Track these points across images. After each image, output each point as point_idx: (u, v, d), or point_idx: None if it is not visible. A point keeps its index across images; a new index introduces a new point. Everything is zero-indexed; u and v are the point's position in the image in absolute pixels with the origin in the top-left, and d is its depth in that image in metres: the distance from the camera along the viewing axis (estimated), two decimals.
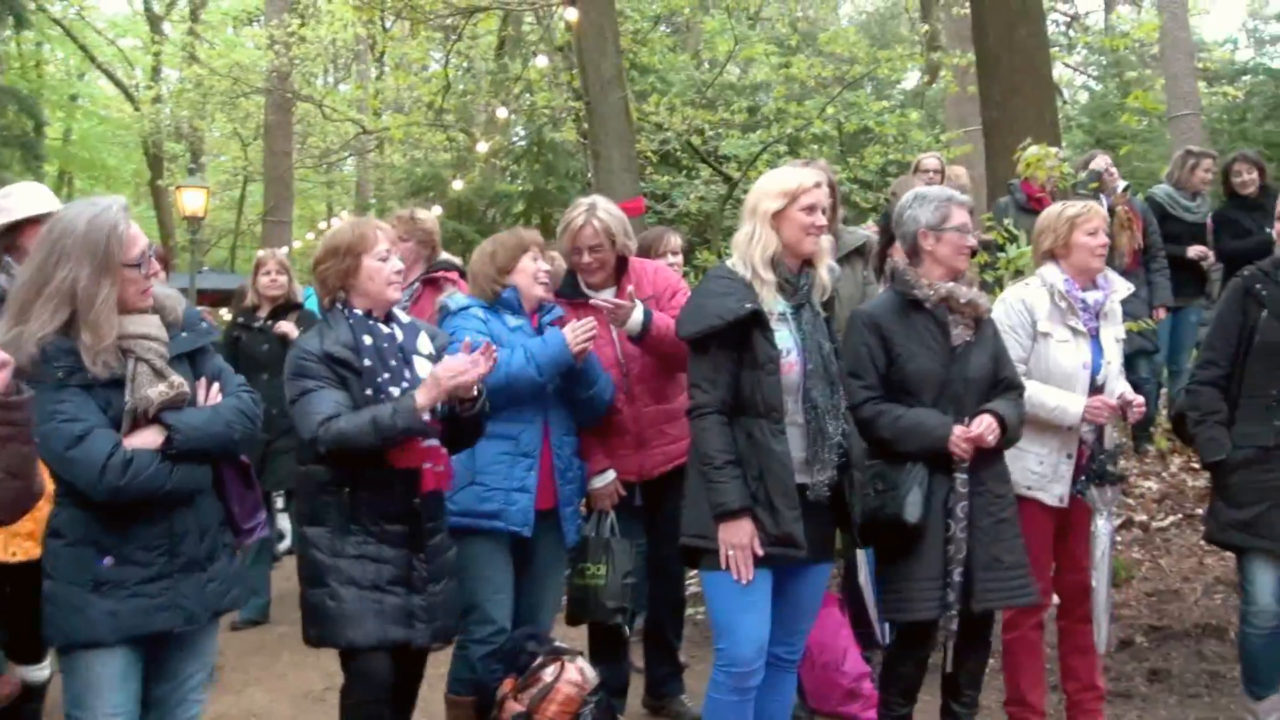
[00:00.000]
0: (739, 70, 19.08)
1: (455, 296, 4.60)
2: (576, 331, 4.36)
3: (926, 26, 18.63)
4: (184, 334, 3.34)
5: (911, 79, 21.75)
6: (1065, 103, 21.41)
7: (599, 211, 4.68)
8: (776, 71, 15.73)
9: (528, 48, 16.67)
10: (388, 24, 18.68)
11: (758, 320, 3.69)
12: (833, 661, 5.05)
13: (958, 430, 4.07)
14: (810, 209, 3.77)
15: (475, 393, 3.82)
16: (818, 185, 3.81)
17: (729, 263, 3.89)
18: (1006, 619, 4.66)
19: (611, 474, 4.74)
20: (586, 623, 4.86)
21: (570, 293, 4.83)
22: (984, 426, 4.10)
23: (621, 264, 4.81)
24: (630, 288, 4.67)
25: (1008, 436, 4.18)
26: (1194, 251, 8.01)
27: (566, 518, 4.57)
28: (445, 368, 3.74)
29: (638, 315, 4.56)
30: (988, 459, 4.17)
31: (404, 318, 4.11)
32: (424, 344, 4.03)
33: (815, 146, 15.44)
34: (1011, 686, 4.72)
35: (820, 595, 4.12)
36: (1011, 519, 4.25)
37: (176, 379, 3.19)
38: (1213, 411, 4.48)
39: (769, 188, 3.83)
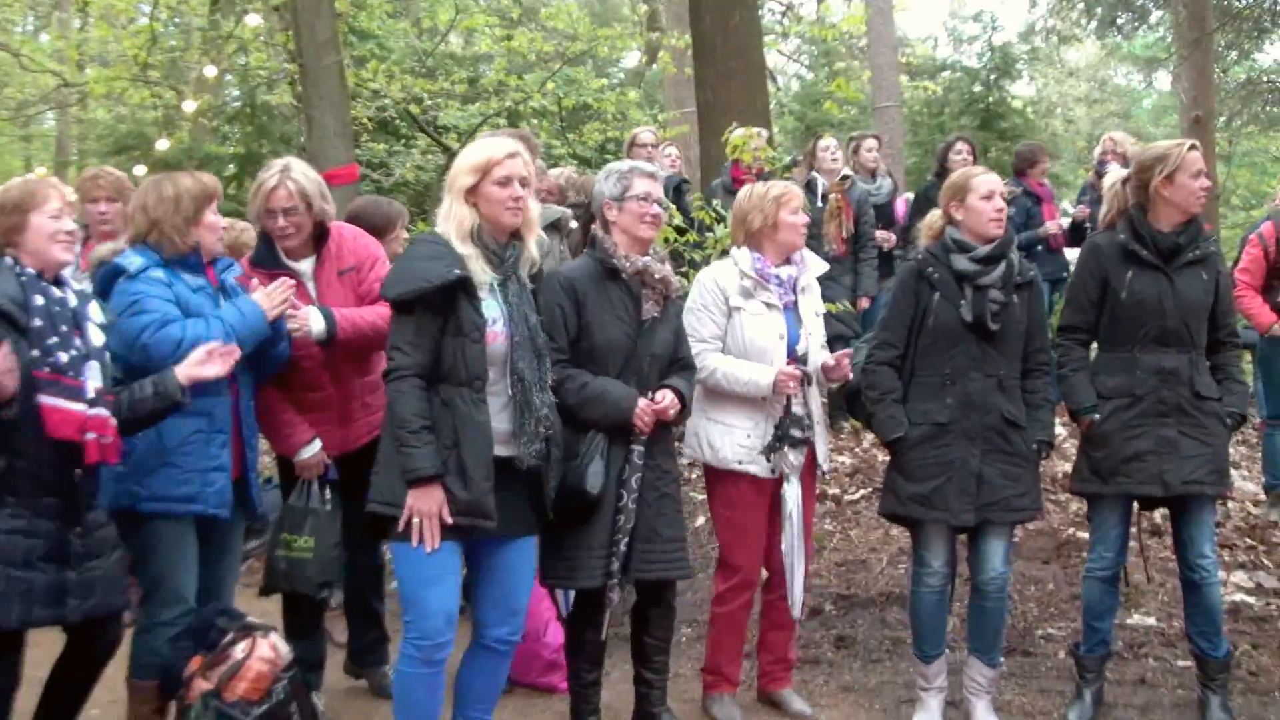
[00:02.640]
0: (461, 41, 18.89)
1: (127, 255, 4.16)
2: (272, 296, 4.20)
3: (646, 7, 18.92)
4: None
5: (632, 58, 22.04)
6: (779, 89, 22.11)
7: (293, 173, 4.47)
8: (498, 44, 15.65)
9: (242, 5, 16.04)
10: None
11: (465, 287, 3.65)
12: (534, 632, 5.06)
13: (642, 403, 4.17)
14: (504, 182, 3.75)
15: None
16: (511, 156, 3.78)
17: (439, 229, 3.84)
18: (718, 594, 4.81)
19: (318, 444, 4.62)
20: (283, 594, 4.72)
21: (268, 262, 4.60)
22: (668, 401, 4.23)
23: (321, 231, 4.62)
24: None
25: (684, 413, 4.33)
26: (879, 235, 8.32)
27: (254, 485, 4.45)
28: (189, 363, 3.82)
29: (318, 324, 4.42)
30: (658, 435, 4.30)
31: (76, 284, 3.90)
32: (95, 313, 3.86)
33: (535, 121, 15.46)
34: (710, 655, 4.88)
35: (532, 571, 4.12)
36: (674, 495, 4.41)
37: None
38: (889, 390, 4.66)
39: (462, 163, 3.81)
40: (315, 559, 4.49)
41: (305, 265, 4.63)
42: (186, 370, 3.85)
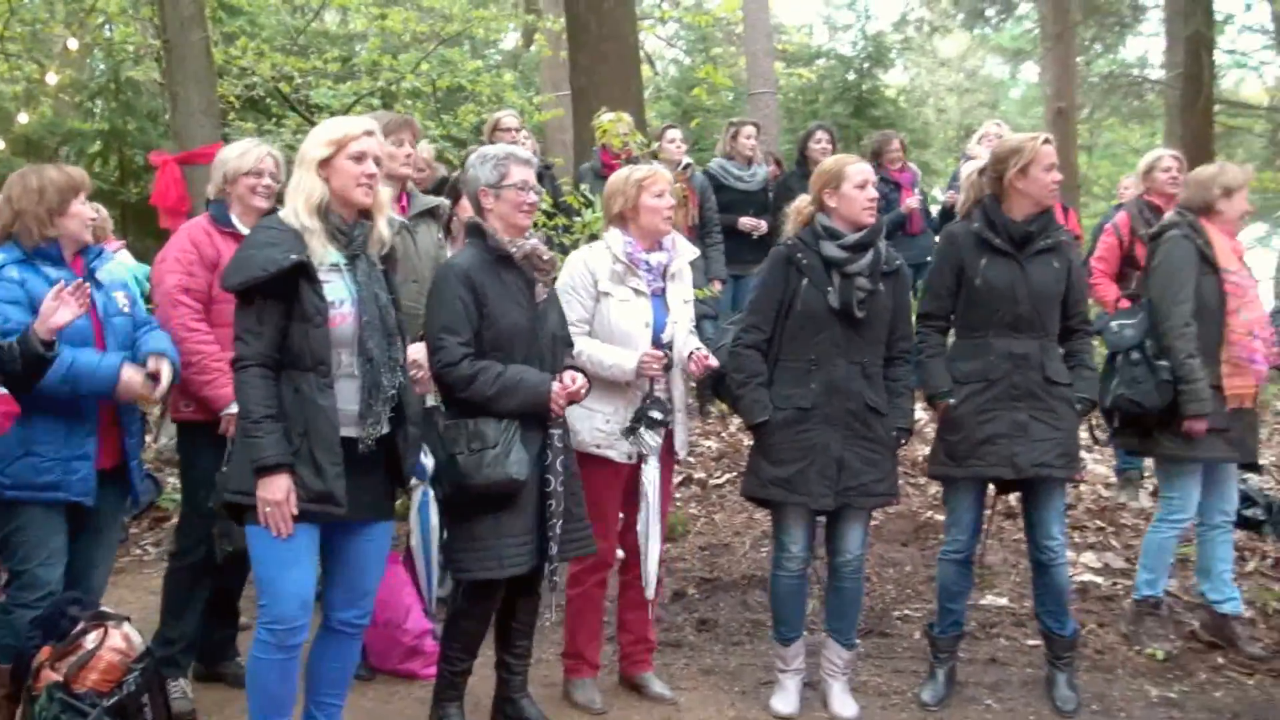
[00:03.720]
0: (336, 19, 18.54)
1: None
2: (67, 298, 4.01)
3: None
4: None
5: (511, 40, 21.88)
6: (656, 74, 22.16)
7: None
8: (373, 22, 15.39)
9: None
10: None
11: (304, 271, 3.59)
12: (395, 619, 5.07)
13: (556, 386, 4.17)
14: (359, 157, 3.69)
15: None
16: (368, 134, 3.73)
17: (280, 213, 3.78)
18: (572, 575, 4.80)
19: None
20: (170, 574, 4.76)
21: (228, 222, 4.72)
22: (579, 383, 4.24)
23: None
24: None
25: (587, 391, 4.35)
26: (744, 223, 8.42)
27: (135, 472, 4.39)
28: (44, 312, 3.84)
29: None
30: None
31: None
32: None
33: (410, 101, 15.25)
34: (569, 639, 4.88)
35: (384, 554, 4.08)
36: (578, 474, 4.41)
37: None
38: (755, 374, 4.68)
39: (317, 136, 3.74)
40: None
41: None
42: (41, 323, 3.85)
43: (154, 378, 4.20)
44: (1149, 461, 6.63)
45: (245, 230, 4.56)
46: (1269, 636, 5.53)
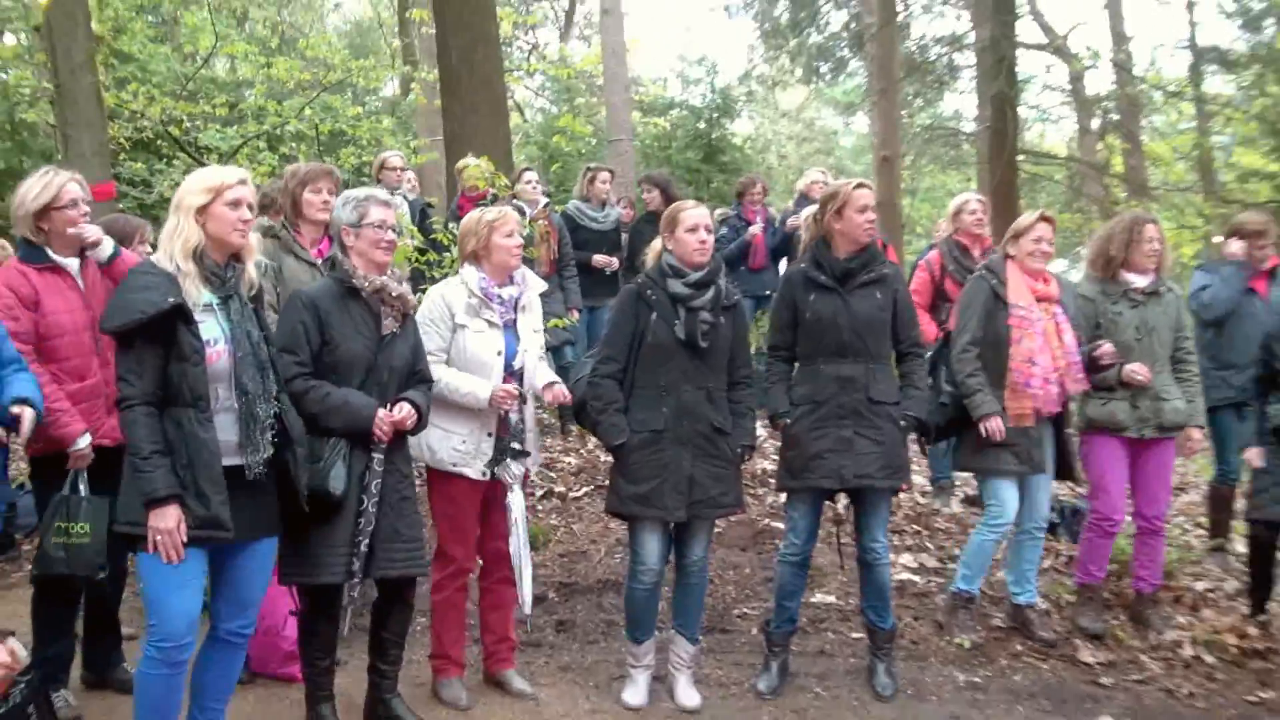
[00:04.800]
0: (225, 66, 18.16)
1: None
2: None
3: (399, 42, 18.60)
4: None
5: (390, 88, 21.68)
6: (525, 121, 22.18)
7: (75, 175, 4.54)
8: (259, 71, 15.14)
9: (1, 24, 15.13)
10: None
11: (181, 314, 3.53)
12: (274, 626, 4.98)
13: (381, 413, 4.16)
14: (235, 204, 3.66)
15: None
16: (242, 182, 3.71)
17: (154, 257, 3.72)
18: (435, 582, 4.79)
19: (89, 436, 4.41)
20: (37, 595, 4.56)
21: (37, 258, 4.53)
22: (405, 412, 4.24)
23: None
24: None
25: (420, 423, 4.33)
26: (597, 260, 8.49)
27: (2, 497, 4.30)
28: None
29: (107, 248, 4.56)
30: (398, 442, 4.30)
31: None
32: None
33: (294, 144, 15.04)
34: (436, 642, 4.87)
35: (269, 569, 4.00)
36: (412, 497, 4.40)
37: None
38: (612, 401, 4.72)
39: (194, 184, 3.69)
40: (93, 543, 4.30)
41: (72, 262, 4.56)
42: None
43: (15, 423, 4.04)
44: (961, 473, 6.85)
45: (63, 261, 4.52)
46: (1061, 625, 5.76)
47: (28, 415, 4.02)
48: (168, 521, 3.48)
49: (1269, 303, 6.53)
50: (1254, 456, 5.74)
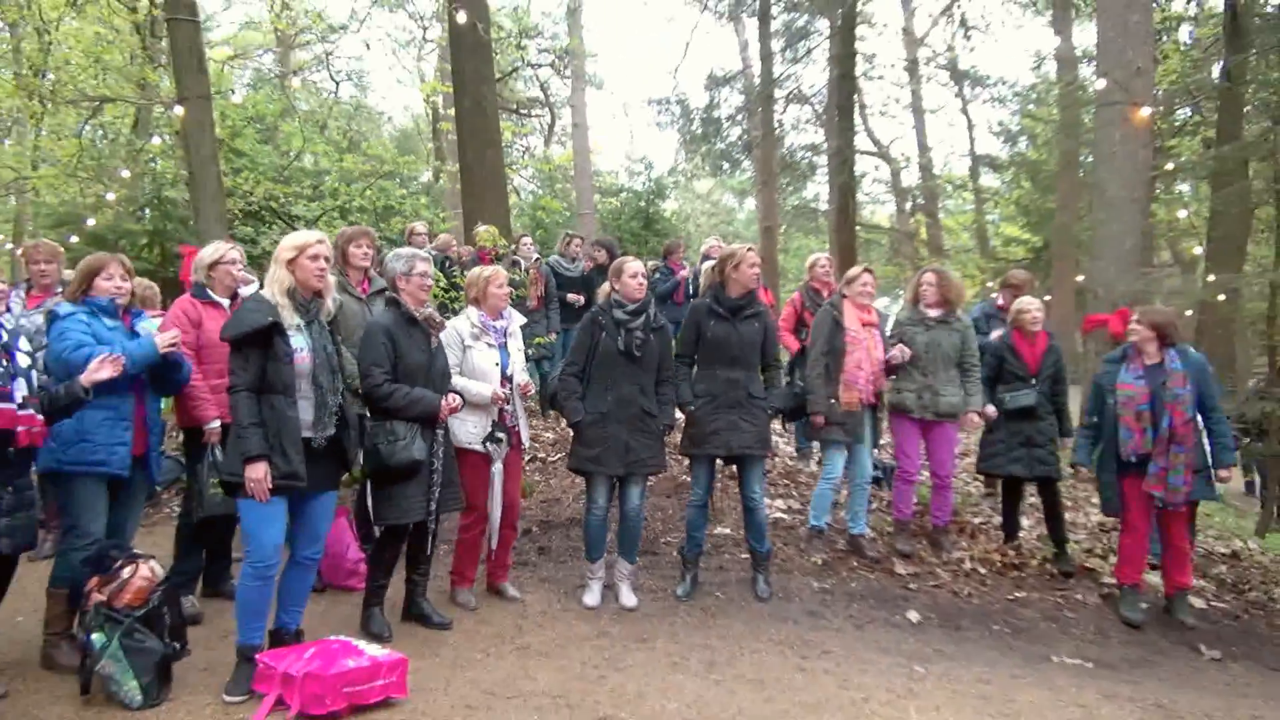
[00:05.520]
0: (311, 160, 17.88)
1: (61, 305, 3.99)
2: (164, 338, 3.90)
3: (431, 145, 18.37)
4: None
5: (426, 176, 21.42)
6: (520, 199, 21.99)
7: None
8: (334, 163, 14.95)
9: (153, 130, 14.89)
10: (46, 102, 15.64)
11: (276, 328, 3.49)
12: (339, 551, 4.91)
13: (442, 403, 4.16)
14: (315, 257, 3.61)
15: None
16: (320, 242, 3.65)
17: (262, 291, 3.64)
18: (463, 524, 4.73)
19: (219, 421, 4.32)
20: (182, 526, 4.62)
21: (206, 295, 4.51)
22: (456, 402, 4.24)
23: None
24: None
25: (459, 410, 4.32)
26: (570, 297, 8.32)
27: (154, 460, 4.14)
28: (89, 370, 3.63)
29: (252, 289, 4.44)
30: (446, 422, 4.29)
31: (9, 323, 3.67)
32: (24, 343, 3.66)
33: (358, 214, 14.84)
34: (456, 563, 4.82)
35: (331, 513, 3.92)
36: (455, 457, 4.38)
37: None
38: (573, 392, 4.71)
39: (287, 243, 3.64)
40: (224, 497, 4.18)
41: (225, 300, 4.54)
42: (86, 376, 3.65)
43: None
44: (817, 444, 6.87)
45: (220, 299, 4.48)
46: (883, 548, 5.79)
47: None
48: (259, 473, 3.42)
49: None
50: (990, 414, 5.73)
